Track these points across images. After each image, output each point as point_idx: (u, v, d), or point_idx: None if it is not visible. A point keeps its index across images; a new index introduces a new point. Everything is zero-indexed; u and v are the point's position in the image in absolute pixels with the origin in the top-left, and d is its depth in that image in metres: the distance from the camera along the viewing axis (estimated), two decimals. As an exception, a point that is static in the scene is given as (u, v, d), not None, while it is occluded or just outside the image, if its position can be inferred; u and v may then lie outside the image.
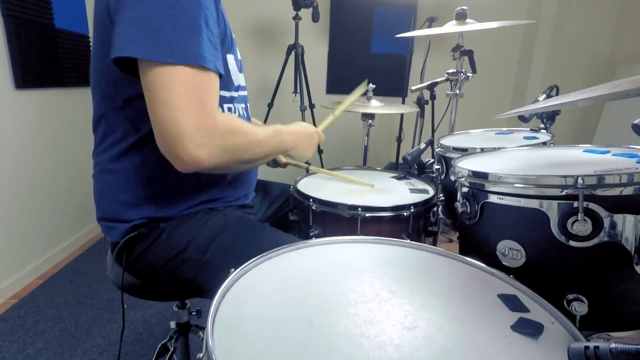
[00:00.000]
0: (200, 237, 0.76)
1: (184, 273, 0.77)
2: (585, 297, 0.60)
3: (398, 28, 2.03)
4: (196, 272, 0.76)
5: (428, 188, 1.05)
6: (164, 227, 0.76)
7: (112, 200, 0.76)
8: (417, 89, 1.92)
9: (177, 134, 0.57)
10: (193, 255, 0.76)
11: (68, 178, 2.18)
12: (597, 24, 2.83)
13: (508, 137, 1.18)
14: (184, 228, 0.77)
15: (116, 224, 0.76)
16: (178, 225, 0.77)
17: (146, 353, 1.44)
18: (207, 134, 0.59)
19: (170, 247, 0.76)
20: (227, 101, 0.79)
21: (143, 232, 0.75)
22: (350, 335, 0.43)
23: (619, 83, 0.53)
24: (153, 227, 0.76)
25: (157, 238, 0.76)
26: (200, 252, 0.76)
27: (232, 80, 0.78)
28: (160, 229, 0.76)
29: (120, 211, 0.75)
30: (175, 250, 0.76)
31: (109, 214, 0.77)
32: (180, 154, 0.58)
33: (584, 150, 0.84)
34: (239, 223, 0.80)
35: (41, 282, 1.91)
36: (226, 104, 0.79)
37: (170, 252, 0.76)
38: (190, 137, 0.57)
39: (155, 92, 0.58)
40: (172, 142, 0.58)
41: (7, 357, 1.40)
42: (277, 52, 2.85)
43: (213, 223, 0.79)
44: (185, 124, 0.57)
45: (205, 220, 0.79)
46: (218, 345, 0.40)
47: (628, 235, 0.55)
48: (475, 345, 0.42)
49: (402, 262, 0.61)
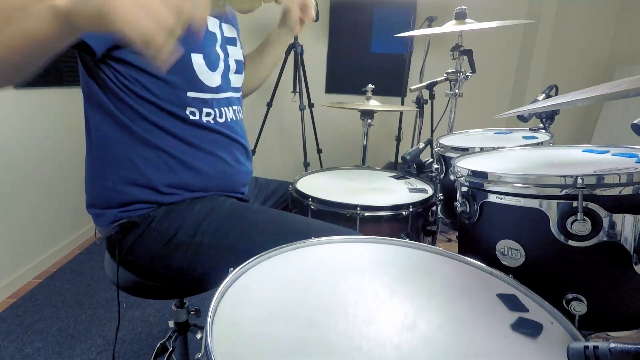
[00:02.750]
0: (188, 221, 0.77)
1: (178, 260, 0.77)
2: (584, 297, 0.60)
3: (397, 28, 2.03)
4: (190, 257, 0.76)
5: (427, 187, 1.05)
6: (153, 216, 0.77)
7: (97, 185, 0.78)
8: (416, 89, 1.92)
9: None
10: (184, 240, 0.76)
11: (67, 177, 2.18)
12: (596, 24, 2.84)
13: (507, 137, 1.18)
14: (172, 215, 0.78)
15: (103, 210, 0.78)
16: (167, 213, 0.78)
17: (145, 352, 1.44)
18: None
19: (160, 235, 0.76)
20: (205, 104, 0.79)
21: (134, 221, 0.76)
22: (350, 335, 0.43)
23: (618, 83, 0.52)
24: (143, 216, 0.77)
25: (147, 227, 0.77)
26: (190, 235, 0.76)
27: (200, 80, 0.77)
28: (150, 217, 0.77)
29: (105, 196, 0.77)
30: (166, 237, 0.76)
31: (96, 200, 0.79)
32: None
33: (583, 150, 0.84)
34: (225, 204, 0.81)
35: (39, 281, 1.90)
36: (205, 107, 0.79)
37: (161, 239, 0.76)
38: None
39: None
40: None
41: (5, 356, 1.40)
42: (277, 52, 2.84)
43: (200, 207, 0.79)
44: None
45: (192, 206, 0.79)
46: (217, 345, 0.40)
47: (627, 235, 0.55)
48: (474, 345, 0.42)
49: (402, 261, 0.61)
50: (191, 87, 0.76)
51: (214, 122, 0.81)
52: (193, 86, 0.76)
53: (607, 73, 2.89)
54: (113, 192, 0.77)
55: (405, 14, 2.78)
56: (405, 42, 2.68)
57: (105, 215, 0.78)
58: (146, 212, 0.78)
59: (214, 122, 0.81)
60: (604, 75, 2.90)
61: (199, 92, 0.77)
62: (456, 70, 1.68)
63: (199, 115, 0.78)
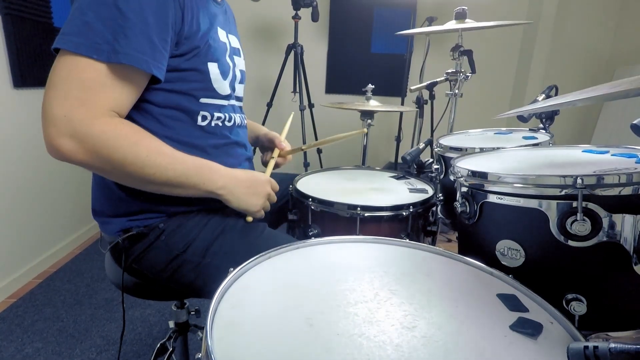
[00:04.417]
0: (199, 240, 0.76)
1: (184, 275, 0.77)
2: (584, 297, 0.60)
3: (397, 28, 2.03)
4: (196, 275, 0.76)
5: (427, 188, 1.05)
6: (163, 228, 0.76)
7: (106, 193, 0.76)
8: (416, 89, 1.92)
9: (46, 116, 0.58)
10: (193, 258, 0.76)
11: (66, 177, 2.18)
12: (596, 24, 2.84)
13: (507, 137, 1.18)
14: (183, 230, 0.77)
15: (111, 218, 0.76)
16: (178, 227, 0.77)
17: (145, 352, 1.43)
18: (75, 126, 0.58)
19: (169, 249, 0.76)
20: (216, 109, 0.79)
21: (143, 232, 0.75)
22: (350, 335, 0.43)
23: (618, 83, 0.53)
24: (152, 226, 0.76)
25: (156, 239, 0.76)
26: (200, 254, 0.76)
27: (214, 88, 0.77)
28: (159, 229, 0.76)
29: (114, 205, 0.76)
30: (174, 252, 0.76)
31: (104, 207, 0.77)
32: (44, 136, 0.59)
33: (583, 150, 0.84)
34: (237, 225, 0.80)
35: (39, 281, 1.90)
36: (216, 112, 0.79)
37: (169, 254, 0.76)
38: (55, 123, 0.58)
39: (50, 71, 0.59)
40: (42, 122, 0.59)
41: (5, 356, 1.40)
42: (277, 52, 2.85)
43: (212, 225, 0.78)
44: (56, 109, 0.58)
45: (204, 222, 0.78)
46: (217, 345, 0.40)
47: (627, 235, 0.55)
48: (474, 345, 0.42)
49: (402, 261, 0.61)
50: (206, 94, 0.76)
51: (223, 127, 0.81)
52: (207, 93, 0.76)
53: (607, 73, 2.89)
54: (121, 201, 0.75)
55: (405, 14, 2.78)
56: (405, 42, 2.68)
57: (112, 223, 0.76)
58: (155, 222, 0.76)
59: (223, 127, 0.81)
60: (604, 75, 2.90)
61: (212, 99, 0.77)
62: (456, 71, 1.68)
63: (210, 120, 0.78)
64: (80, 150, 0.59)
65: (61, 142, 0.58)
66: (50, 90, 0.58)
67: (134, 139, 0.63)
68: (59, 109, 0.58)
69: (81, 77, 0.59)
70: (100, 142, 0.60)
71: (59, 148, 0.58)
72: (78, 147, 0.59)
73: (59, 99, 0.58)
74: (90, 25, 0.58)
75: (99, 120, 0.60)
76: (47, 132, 0.58)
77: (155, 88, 0.69)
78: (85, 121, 0.59)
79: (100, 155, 0.60)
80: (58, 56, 0.60)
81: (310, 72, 2.62)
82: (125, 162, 0.62)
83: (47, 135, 0.58)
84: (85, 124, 0.59)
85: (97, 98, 0.60)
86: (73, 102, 0.58)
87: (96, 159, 0.60)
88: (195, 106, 0.75)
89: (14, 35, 1.73)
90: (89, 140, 0.59)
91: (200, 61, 0.73)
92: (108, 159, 0.61)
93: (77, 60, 0.58)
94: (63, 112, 0.58)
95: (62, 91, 0.58)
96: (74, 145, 0.58)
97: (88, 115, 0.59)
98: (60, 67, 0.59)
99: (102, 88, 0.60)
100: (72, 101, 0.58)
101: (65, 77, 0.59)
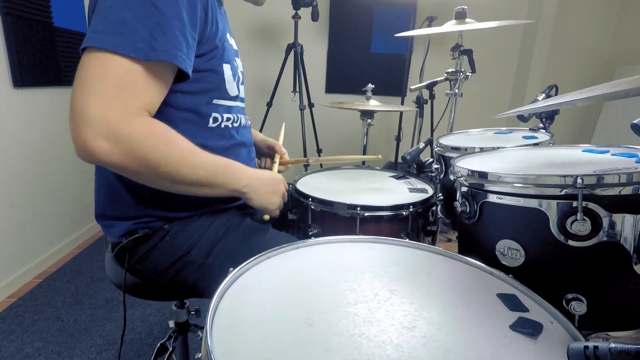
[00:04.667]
0: (203, 241, 0.76)
1: (187, 276, 0.77)
2: (584, 297, 0.60)
3: (397, 28, 2.03)
4: (199, 275, 0.76)
5: (427, 187, 1.05)
6: (167, 229, 0.76)
7: (111, 197, 0.76)
8: (416, 89, 1.92)
9: (81, 115, 0.54)
10: (196, 259, 0.76)
11: (66, 177, 2.18)
12: (596, 24, 2.84)
13: (507, 137, 1.18)
14: (187, 231, 0.77)
15: (115, 221, 0.76)
16: (182, 228, 0.77)
17: (145, 352, 1.43)
18: (112, 127, 0.55)
19: (173, 250, 0.76)
20: (225, 110, 0.79)
21: (148, 234, 0.75)
22: (350, 335, 0.43)
23: (618, 83, 0.52)
24: (157, 228, 0.76)
25: (160, 240, 0.76)
26: (204, 255, 0.76)
27: (226, 89, 0.77)
28: (164, 230, 0.76)
29: (119, 209, 0.75)
30: (178, 253, 0.76)
31: (108, 211, 0.77)
32: (77, 137, 0.55)
33: (583, 150, 0.84)
34: (241, 226, 0.80)
35: (39, 281, 1.90)
36: (225, 113, 0.79)
37: (173, 255, 0.76)
38: (91, 123, 0.54)
39: (79, 70, 0.56)
40: (74, 123, 0.55)
41: (5, 356, 1.40)
42: (277, 51, 2.84)
43: (216, 226, 0.79)
44: (92, 109, 0.54)
45: (208, 223, 0.78)
46: (217, 345, 0.40)
47: (627, 235, 0.55)
48: (474, 345, 0.42)
49: (402, 261, 0.61)
50: (219, 95, 0.76)
51: (232, 128, 0.81)
52: (220, 94, 0.76)
53: (607, 73, 2.89)
54: (126, 204, 0.74)
55: (405, 14, 2.78)
56: (405, 42, 2.68)
57: (116, 227, 0.76)
58: (160, 224, 0.76)
59: (232, 128, 0.81)
60: (604, 75, 2.90)
61: (223, 100, 0.77)
62: (456, 70, 1.68)
63: (220, 122, 0.78)
64: (117, 152, 0.56)
65: (98, 143, 0.55)
66: (84, 89, 0.55)
67: (167, 139, 0.61)
68: (96, 109, 0.54)
69: (118, 76, 0.56)
70: (137, 142, 0.57)
71: (94, 150, 0.55)
72: (114, 148, 0.56)
73: (96, 97, 0.55)
74: (126, 24, 0.56)
75: (135, 120, 0.58)
76: (82, 134, 0.54)
77: (172, 90, 0.68)
78: (123, 121, 0.56)
79: (137, 157, 0.58)
80: (88, 54, 0.57)
81: (310, 72, 2.62)
82: (160, 162, 0.60)
83: (82, 136, 0.55)
84: (122, 124, 0.56)
85: (133, 97, 0.58)
86: (110, 101, 0.55)
87: (132, 160, 0.58)
88: (207, 108, 0.74)
89: (14, 35, 1.73)
90: (126, 141, 0.56)
91: (217, 62, 0.72)
92: (144, 160, 0.59)
93: (112, 59, 0.56)
94: (100, 112, 0.55)
95: (97, 90, 0.55)
96: (110, 147, 0.56)
97: (125, 115, 0.57)
98: (93, 66, 0.56)
99: (138, 87, 0.58)
100: (108, 100, 0.55)
101: (101, 76, 0.56)
